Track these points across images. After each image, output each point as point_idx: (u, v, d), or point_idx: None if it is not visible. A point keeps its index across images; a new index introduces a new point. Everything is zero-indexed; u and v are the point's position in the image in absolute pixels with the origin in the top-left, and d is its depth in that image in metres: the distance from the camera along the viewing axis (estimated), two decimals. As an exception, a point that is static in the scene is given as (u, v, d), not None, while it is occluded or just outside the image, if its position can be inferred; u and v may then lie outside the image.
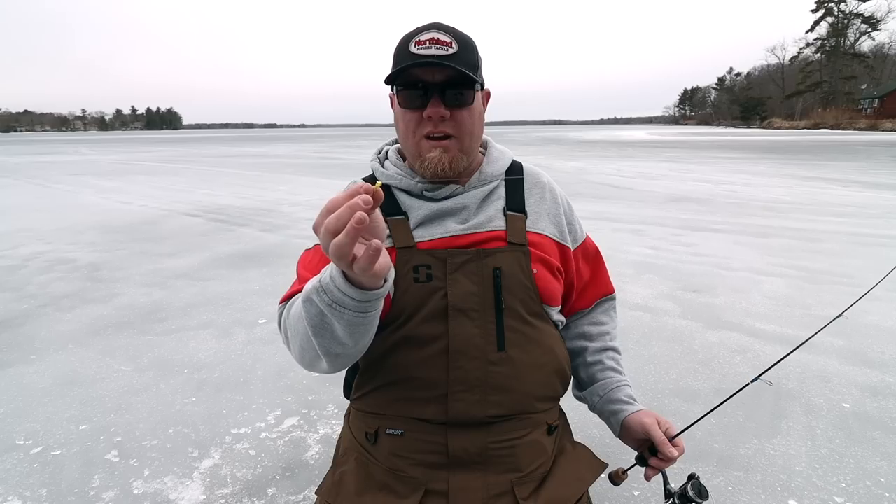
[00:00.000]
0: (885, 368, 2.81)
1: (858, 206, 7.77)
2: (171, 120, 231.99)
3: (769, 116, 77.43)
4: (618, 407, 0.97)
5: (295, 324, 0.74)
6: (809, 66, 77.83)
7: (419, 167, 0.88)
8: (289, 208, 8.31)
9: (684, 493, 0.90)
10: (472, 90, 0.84)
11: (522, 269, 0.86)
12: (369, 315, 0.65)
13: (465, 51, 0.83)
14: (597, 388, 1.01)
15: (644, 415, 0.94)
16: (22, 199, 9.62)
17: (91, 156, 24.24)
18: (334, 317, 0.65)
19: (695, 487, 0.89)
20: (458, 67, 0.80)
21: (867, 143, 27.01)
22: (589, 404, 1.03)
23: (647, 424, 0.91)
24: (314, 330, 0.69)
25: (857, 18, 71.93)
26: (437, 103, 0.82)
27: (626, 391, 0.99)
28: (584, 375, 1.04)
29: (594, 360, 1.03)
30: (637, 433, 0.93)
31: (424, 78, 0.82)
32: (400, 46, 0.83)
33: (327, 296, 0.64)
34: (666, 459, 0.89)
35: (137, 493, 1.93)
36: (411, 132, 0.86)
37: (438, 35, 0.81)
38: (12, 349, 3.18)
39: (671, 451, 0.88)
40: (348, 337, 0.68)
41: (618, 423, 0.97)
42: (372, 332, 0.72)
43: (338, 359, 0.73)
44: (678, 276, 4.49)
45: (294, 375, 2.80)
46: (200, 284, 4.42)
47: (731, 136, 39.72)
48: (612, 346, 1.05)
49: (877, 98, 59.72)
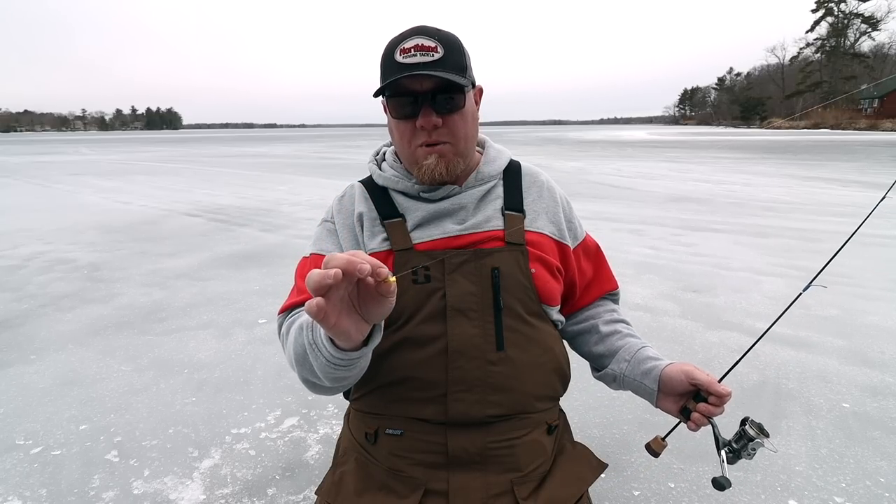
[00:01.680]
0: (885, 368, 2.81)
1: (858, 206, 7.76)
2: (171, 120, 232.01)
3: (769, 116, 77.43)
4: (651, 364, 0.91)
5: (290, 343, 0.79)
6: (809, 66, 77.83)
7: (417, 174, 0.87)
8: (289, 208, 8.31)
9: (743, 434, 0.84)
10: (462, 93, 0.83)
11: (521, 268, 0.86)
12: (342, 370, 0.68)
13: (451, 53, 0.81)
14: (622, 354, 0.95)
15: (682, 364, 0.88)
16: (22, 199, 9.62)
17: (91, 156, 24.24)
18: (313, 357, 0.69)
19: (754, 426, 0.83)
20: (444, 76, 0.79)
21: (867, 143, 27.00)
22: (616, 375, 0.95)
23: (688, 371, 0.86)
24: (296, 357, 0.75)
25: (857, 18, 71.94)
26: (428, 112, 0.81)
27: (651, 351, 0.94)
28: (602, 349, 0.98)
29: (609, 330, 0.99)
30: (680, 383, 0.87)
31: (413, 88, 0.81)
32: (385, 55, 0.82)
33: (311, 334, 0.69)
34: (718, 399, 0.84)
35: (137, 493, 1.93)
36: (406, 142, 0.86)
37: (422, 41, 0.80)
38: (12, 349, 3.18)
39: (722, 389, 0.83)
40: (325, 378, 0.71)
41: (655, 380, 0.89)
42: (351, 381, 0.76)
43: (315, 388, 0.79)
44: (678, 276, 4.49)
45: (294, 375, 2.79)
46: (200, 284, 4.42)
47: (731, 136, 39.71)
48: (623, 319, 1.03)
49: (877, 98, 59.72)
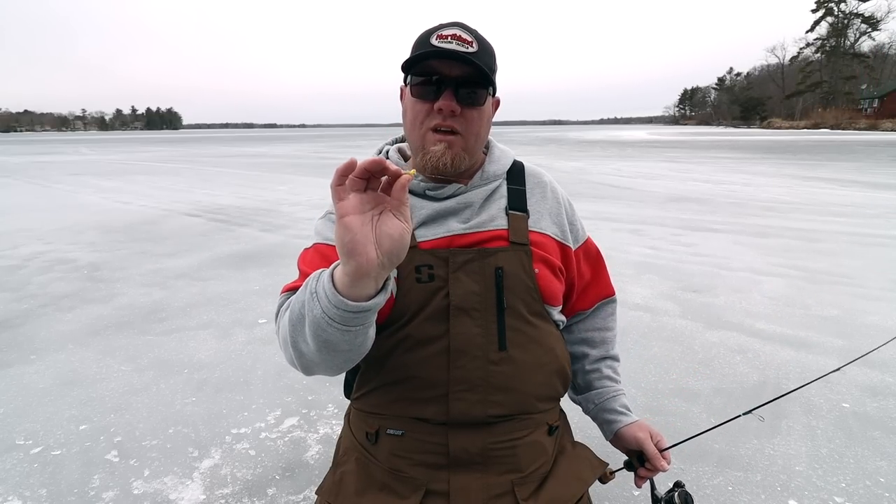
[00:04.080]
0: (885, 368, 2.81)
1: (858, 206, 7.76)
2: (171, 120, 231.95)
3: (769, 116, 77.42)
4: (613, 417, 1.01)
5: (288, 309, 0.73)
6: (809, 66, 77.80)
7: (421, 160, 0.86)
8: (289, 208, 8.31)
9: (671, 500, 0.94)
10: (486, 91, 0.84)
11: (524, 268, 0.86)
12: (335, 326, 0.63)
13: (484, 53, 0.83)
14: (593, 396, 1.04)
15: (637, 428, 0.98)
16: (22, 199, 9.61)
17: (91, 156, 24.23)
18: (310, 307, 0.65)
19: (682, 496, 0.93)
20: (477, 63, 0.80)
21: (867, 143, 27.00)
22: (584, 409, 1.07)
23: (640, 439, 0.97)
24: (291, 318, 0.69)
25: (857, 18, 71.91)
26: (449, 97, 0.82)
27: (621, 401, 1.02)
28: (581, 381, 1.06)
29: (593, 367, 1.05)
30: (630, 444, 0.99)
31: (441, 71, 0.81)
32: (421, 38, 0.83)
33: (314, 283, 0.65)
34: (654, 470, 0.95)
35: (137, 493, 1.93)
36: (419, 122, 0.85)
37: (461, 33, 0.82)
38: (12, 349, 3.18)
39: (661, 465, 0.94)
40: (313, 340, 0.66)
41: (611, 433, 1.02)
42: (340, 358, 0.69)
43: (304, 361, 0.72)
44: (678, 276, 4.49)
45: (294, 375, 2.79)
46: (200, 284, 4.42)
47: (731, 136, 39.71)
48: (612, 355, 1.07)
49: (877, 98, 59.72)
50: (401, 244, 0.60)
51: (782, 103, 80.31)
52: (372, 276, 0.60)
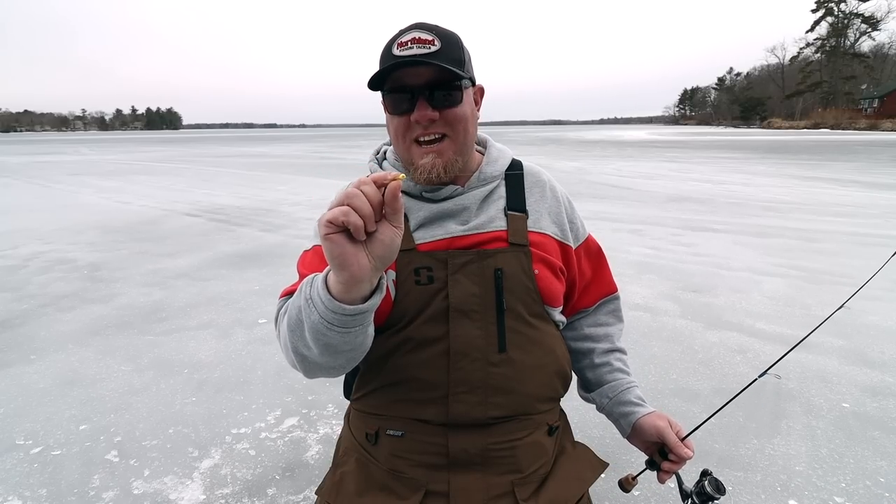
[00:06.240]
0: (885, 368, 2.81)
1: (858, 206, 7.77)
2: (171, 120, 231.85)
3: (769, 116, 77.41)
4: (629, 409, 0.96)
5: (286, 315, 0.74)
6: (809, 66, 77.81)
7: (413, 174, 0.85)
8: (289, 208, 8.31)
9: (702, 490, 0.89)
10: (460, 88, 0.82)
11: (524, 269, 0.85)
12: (334, 330, 0.64)
13: (448, 47, 0.80)
14: (606, 390, 1.00)
15: (656, 417, 0.93)
16: (22, 199, 9.61)
17: (91, 156, 24.24)
18: (307, 313, 0.66)
19: (712, 483, 0.89)
20: (440, 64, 0.77)
21: (867, 143, 27.00)
22: (597, 405, 1.02)
23: (660, 427, 0.91)
24: (290, 323, 0.70)
25: (857, 18, 71.94)
26: (423, 106, 0.79)
27: (635, 393, 0.98)
28: (591, 377, 1.03)
29: (602, 361, 1.02)
30: (650, 436, 0.93)
31: (408, 81, 0.80)
32: (383, 51, 0.81)
33: (308, 289, 0.66)
34: (679, 461, 0.89)
35: (137, 493, 1.93)
36: (401, 136, 0.84)
37: (420, 34, 0.79)
38: (12, 349, 3.18)
39: (686, 452, 0.88)
40: (315, 344, 0.67)
41: (629, 426, 0.96)
42: (341, 360, 0.71)
43: (306, 364, 0.73)
44: (678, 276, 4.49)
45: (294, 375, 2.79)
46: (200, 284, 4.42)
47: (731, 136, 39.71)
48: (619, 347, 1.04)
49: (877, 98, 59.71)
50: (392, 248, 0.62)
51: (782, 103, 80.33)
52: (366, 280, 0.62)
